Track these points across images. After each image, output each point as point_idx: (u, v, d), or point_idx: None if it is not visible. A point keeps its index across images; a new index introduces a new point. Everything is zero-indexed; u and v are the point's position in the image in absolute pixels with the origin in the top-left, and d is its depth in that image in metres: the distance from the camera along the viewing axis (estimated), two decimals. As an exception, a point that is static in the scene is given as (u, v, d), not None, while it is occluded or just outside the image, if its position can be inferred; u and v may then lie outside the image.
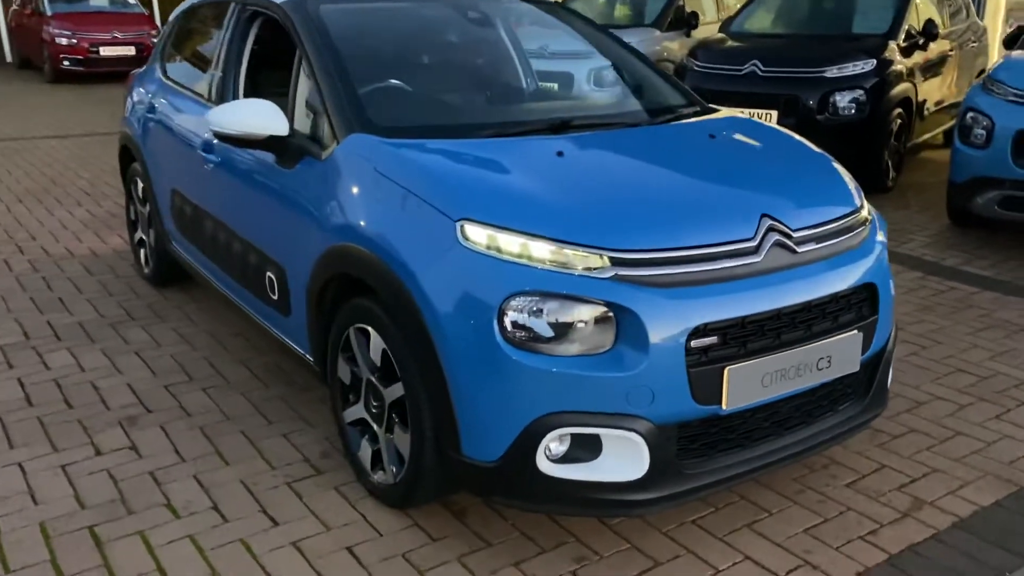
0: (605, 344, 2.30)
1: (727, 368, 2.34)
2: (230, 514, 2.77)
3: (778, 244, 2.49)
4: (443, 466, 2.52)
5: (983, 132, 5.43)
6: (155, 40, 14.55)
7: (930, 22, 7.32)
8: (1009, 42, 6.20)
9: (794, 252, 2.52)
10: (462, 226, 2.40)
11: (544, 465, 2.34)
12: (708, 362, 2.33)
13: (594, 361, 2.29)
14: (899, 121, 7.04)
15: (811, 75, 6.85)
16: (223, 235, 3.62)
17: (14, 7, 16.82)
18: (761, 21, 8.22)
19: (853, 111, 6.74)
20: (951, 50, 8.03)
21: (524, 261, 2.32)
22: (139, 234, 4.93)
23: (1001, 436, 3.26)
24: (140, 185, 4.72)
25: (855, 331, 2.61)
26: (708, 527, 2.71)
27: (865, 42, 7.14)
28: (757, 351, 2.40)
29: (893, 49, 7.04)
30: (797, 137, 3.21)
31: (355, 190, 2.76)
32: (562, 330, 2.29)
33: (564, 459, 2.35)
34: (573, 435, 2.33)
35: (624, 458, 2.33)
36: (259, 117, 3.00)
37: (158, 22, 16.74)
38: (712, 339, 2.34)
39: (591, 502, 2.38)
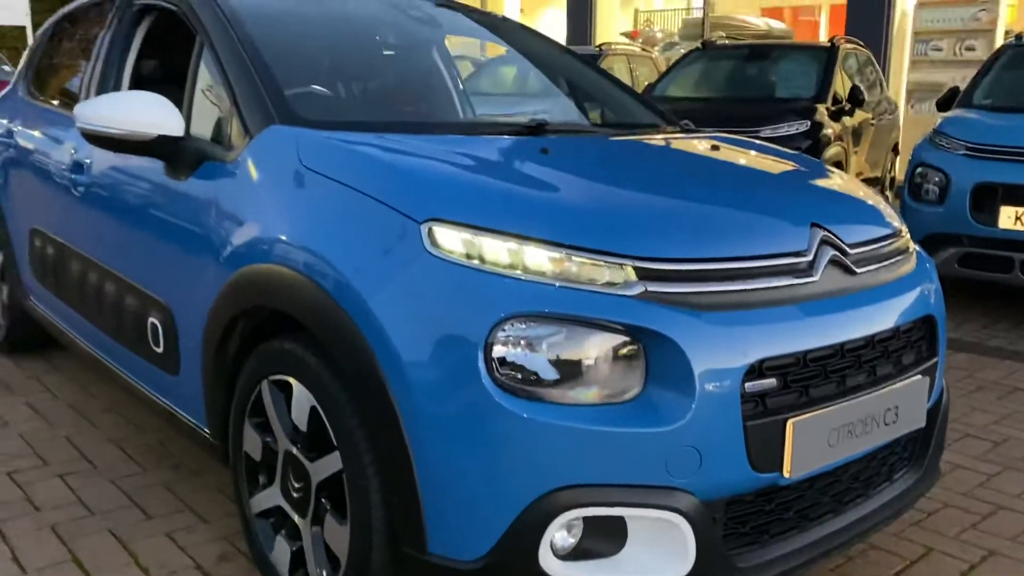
0: (632, 387, 1.66)
1: (791, 421, 1.73)
2: (87, 648, 1.96)
3: (834, 262, 1.93)
4: (398, 571, 1.80)
5: (936, 188, 5.14)
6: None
7: (856, 88, 7.22)
8: (943, 104, 6.06)
9: (853, 273, 1.96)
10: (430, 229, 1.75)
11: (549, 563, 1.65)
12: (766, 413, 1.73)
13: (618, 412, 1.65)
14: (831, 186, 6.80)
15: (744, 135, 6.55)
16: (94, 276, 2.85)
17: None
18: (683, 87, 8.01)
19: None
20: (872, 120, 7.95)
21: (517, 274, 1.68)
22: (-10, 291, 4.05)
23: (1048, 509, 2.75)
24: (-8, 231, 3.87)
25: (919, 376, 2.05)
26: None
27: (795, 104, 6.96)
28: (821, 399, 1.81)
29: (823, 113, 6.87)
30: (810, 156, 2.72)
31: (274, 195, 2.08)
32: (572, 369, 1.65)
33: (576, 554, 1.67)
34: (587, 519, 1.67)
35: (660, 549, 1.67)
36: (146, 112, 2.31)
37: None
38: (771, 381, 1.74)
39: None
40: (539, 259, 1.69)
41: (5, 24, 18.25)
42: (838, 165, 6.85)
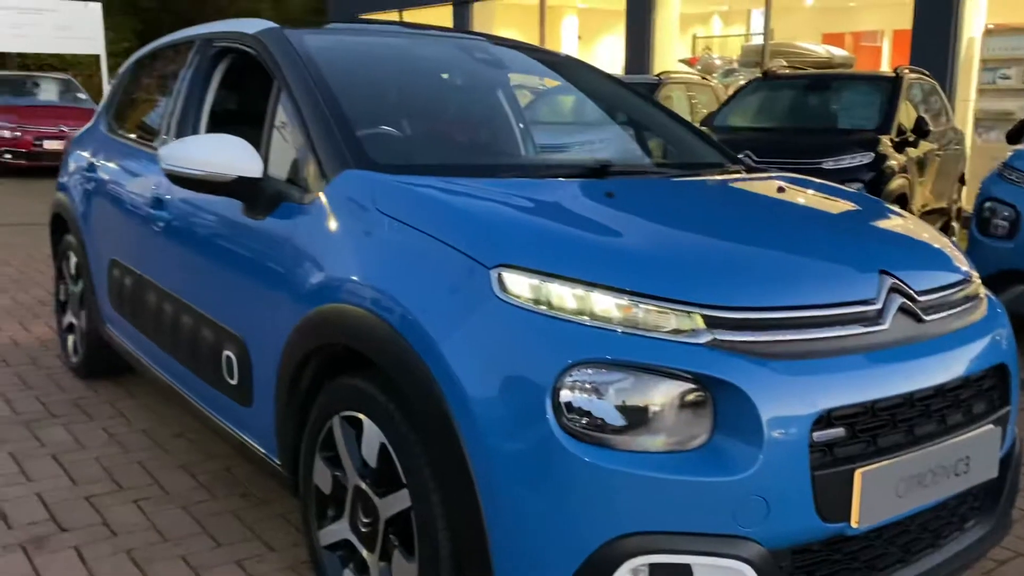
0: (699, 435, 1.68)
1: (859, 471, 1.73)
2: (162, 674, 2.02)
3: (903, 310, 1.93)
4: (465, 608, 1.84)
5: (1005, 223, 5.04)
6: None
7: (921, 119, 7.10)
8: (1013, 136, 5.94)
9: (921, 321, 1.95)
10: (499, 274, 1.79)
11: (615, 607, 1.67)
12: (834, 462, 1.72)
13: (685, 460, 1.66)
14: (896, 218, 6.70)
15: (807, 167, 6.48)
16: (170, 308, 2.95)
17: (-42, 101, 16.18)
18: (744, 116, 7.98)
19: (852, 201, 6.38)
20: (937, 151, 7.82)
21: (586, 320, 1.71)
22: (68, 317, 4.21)
23: (1126, 561, 2.66)
24: (73, 260, 4.03)
25: (991, 425, 2.03)
26: None
27: (858, 135, 6.88)
28: (890, 449, 1.80)
29: (887, 144, 6.78)
30: (876, 198, 2.70)
31: (349, 237, 2.15)
32: (639, 416, 1.67)
33: (642, 599, 1.69)
34: (654, 565, 1.67)
35: (726, 597, 1.68)
36: (226, 154, 2.40)
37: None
38: (838, 431, 1.73)
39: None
40: (607, 305, 1.72)
41: (81, 53, 19.01)
42: (902, 197, 6.75)
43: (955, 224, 8.62)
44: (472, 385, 1.75)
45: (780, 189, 2.53)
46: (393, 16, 19.63)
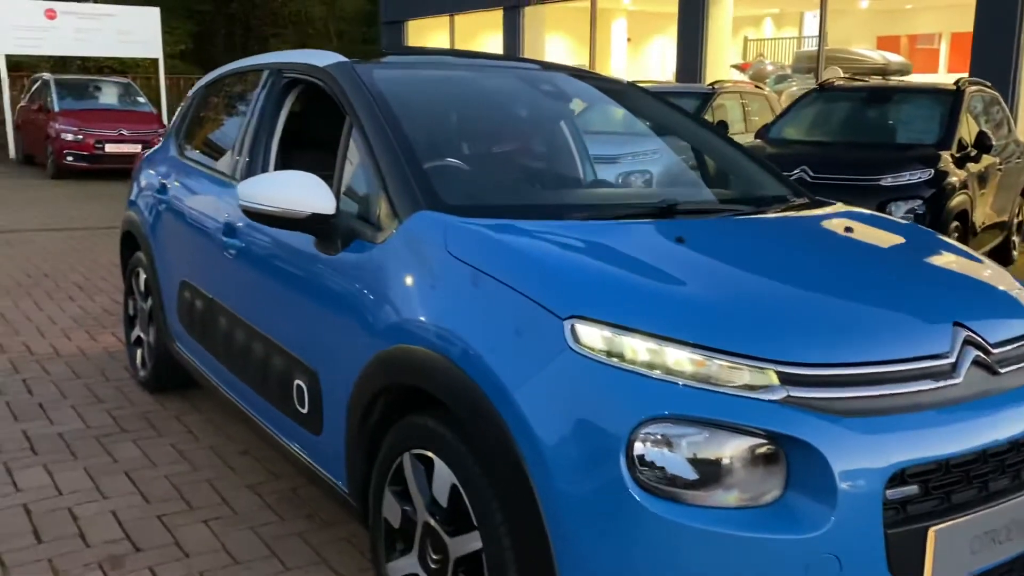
0: (771, 491, 1.70)
1: (933, 529, 1.73)
2: None
3: (977, 363, 1.92)
4: (534, 650, 1.87)
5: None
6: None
7: (983, 134, 6.98)
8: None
9: (995, 374, 1.94)
10: (572, 326, 1.83)
11: (685, 659, 1.69)
12: (907, 520, 1.73)
13: (757, 516, 1.68)
14: (955, 235, 6.58)
15: (865, 183, 6.43)
16: (241, 334, 3.04)
17: (22, 104, 16.67)
18: (800, 129, 7.90)
19: (911, 222, 6.29)
20: (999, 165, 7.67)
21: (660, 375, 1.74)
22: (137, 332, 4.33)
23: None
24: (143, 277, 4.15)
25: (1065, 479, 2.01)
26: None
27: (918, 151, 6.77)
28: (963, 506, 1.80)
29: (948, 160, 6.67)
30: (943, 236, 2.69)
31: (422, 279, 2.19)
32: (711, 471, 1.69)
33: (713, 652, 1.71)
34: (726, 621, 1.70)
35: (797, 653, 1.69)
36: (300, 191, 2.46)
37: (166, 121, 16.54)
38: (912, 488, 1.74)
39: None
40: (681, 360, 1.75)
41: (140, 56, 19.45)
42: (963, 214, 6.63)
43: (1015, 238, 8.45)
44: (545, 434, 1.79)
45: (848, 229, 2.53)
46: (444, 20, 19.75)
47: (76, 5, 18.38)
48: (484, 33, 19.63)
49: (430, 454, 2.09)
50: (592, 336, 1.80)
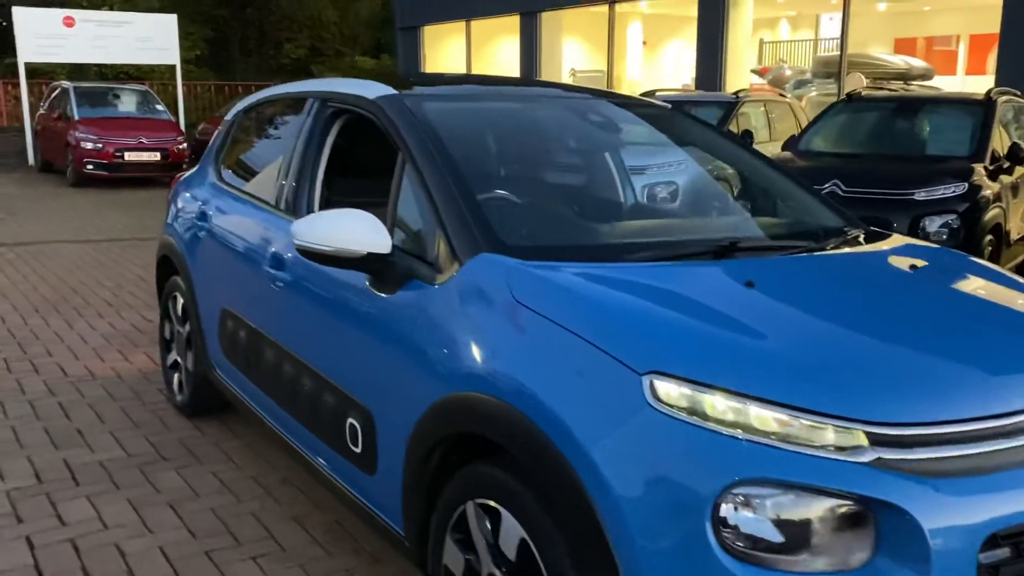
0: (860, 555, 1.65)
1: (1025, 593, 1.69)
2: None
3: (1066, 416, 1.87)
4: None
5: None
6: (181, 147, 14.53)
7: (1016, 146, 6.90)
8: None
9: (1084, 427, 1.89)
10: (651, 382, 1.79)
11: None
12: (1000, 584, 1.68)
13: (847, 581, 1.63)
14: (990, 249, 6.51)
15: (899, 197, 6.36)
16: (289, 367, 3.01)
17: (41, 111, 16.75)
18: (828, 141, 7.83)
19: (945, 236, 6.22)
20: (1030, 176, 7.58)
21: (745, 435, 1.70)
22: (174, 356, 4.32)
23: None
24: (180, 302, 4.13)
25: None
26: None
27: (951, 164, 6.70)
28: (1054, 567, 1.75)
29: (981, 172, 6.59)
30: (1007, 272, 2.63)
31: (487, 324, 2.16)
32: (798, 535, 1.65)
33: None
34: None
35: None
36: (356, 231, 2.43)
37: (183, 127, 16.58)
38: (1004, 552, 1.69)
39: None
40: (766, 420, 1.70)
41: (158, 63, 19.53)
42: (997, 228, 6.56)
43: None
44: (623, 491, 1.75)
45: (913, 267, 2.48)
46: (460, 26, 19.72)
47: (94, 13, 18.48)
48: (500, 38, 19.59)
49: (496, 504, 2.06)
50: (672, 393, 1.76)
